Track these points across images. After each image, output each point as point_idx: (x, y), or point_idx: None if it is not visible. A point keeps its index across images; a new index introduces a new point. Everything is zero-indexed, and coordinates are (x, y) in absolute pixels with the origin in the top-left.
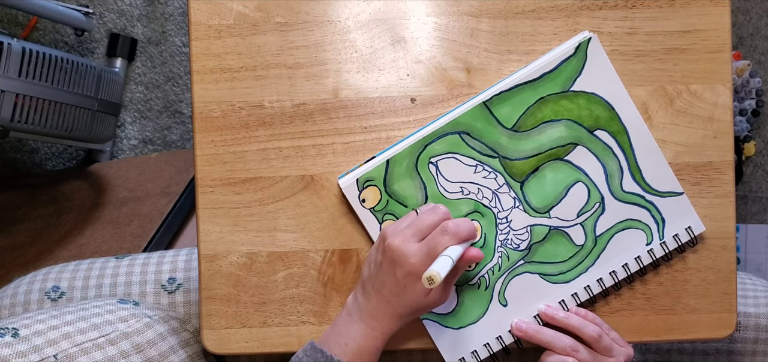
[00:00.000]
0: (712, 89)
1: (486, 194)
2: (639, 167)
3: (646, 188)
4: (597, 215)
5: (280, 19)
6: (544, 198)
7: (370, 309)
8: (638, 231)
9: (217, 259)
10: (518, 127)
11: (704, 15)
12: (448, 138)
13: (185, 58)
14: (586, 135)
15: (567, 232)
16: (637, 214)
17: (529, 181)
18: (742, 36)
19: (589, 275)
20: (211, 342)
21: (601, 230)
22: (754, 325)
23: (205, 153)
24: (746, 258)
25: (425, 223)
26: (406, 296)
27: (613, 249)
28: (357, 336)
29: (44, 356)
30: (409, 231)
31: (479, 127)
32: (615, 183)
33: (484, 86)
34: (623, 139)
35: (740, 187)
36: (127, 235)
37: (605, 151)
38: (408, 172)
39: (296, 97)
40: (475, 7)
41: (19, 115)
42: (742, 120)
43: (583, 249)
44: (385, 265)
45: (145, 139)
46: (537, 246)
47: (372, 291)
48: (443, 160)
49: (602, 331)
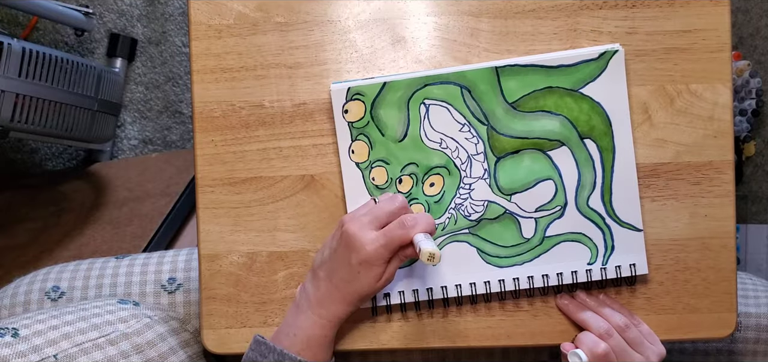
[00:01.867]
0: (712, 89)
1: (461, 155)
2: (611, 189)
3: (610, 212)
4: (554, 217)
5: (280, 18)
6: (513, 181)
7: (319, 297)
8: (585, 248)
9: (217, 259)
10: (517, 105)
11: (704, 15)
12: (448, 87)
13: (185, 58)
14: (575, 138)
15: (519, 221)
16: (591, 232)
17: (505, 159)
18: (742, 36)
19: (523, 269)
20: (211, 342)
21: (551, 233)
22: (755, 325)
23: (205, 153)
24: (746, 258)
25: (383, 211)
26: (358, 283)
27: (555, 255)
28: (305, 326)
29: (44, 356)
30: (367, 219)
31: (482, 88)
32: (583, 195)
33: None
34: (608, 158)
35: (740, 187)
36: (127, 235)
37: (587, 161)
38: (399, 103)
39: (296, 97)
40: (475, 6)
41: (19, 115)
42: (742, 120)
43: (528, 243)
44: (340, 251)
45: (145, 139)
46: (486, 223)
47: (323, 277)
48: (436, 105)
49: (630, 323)
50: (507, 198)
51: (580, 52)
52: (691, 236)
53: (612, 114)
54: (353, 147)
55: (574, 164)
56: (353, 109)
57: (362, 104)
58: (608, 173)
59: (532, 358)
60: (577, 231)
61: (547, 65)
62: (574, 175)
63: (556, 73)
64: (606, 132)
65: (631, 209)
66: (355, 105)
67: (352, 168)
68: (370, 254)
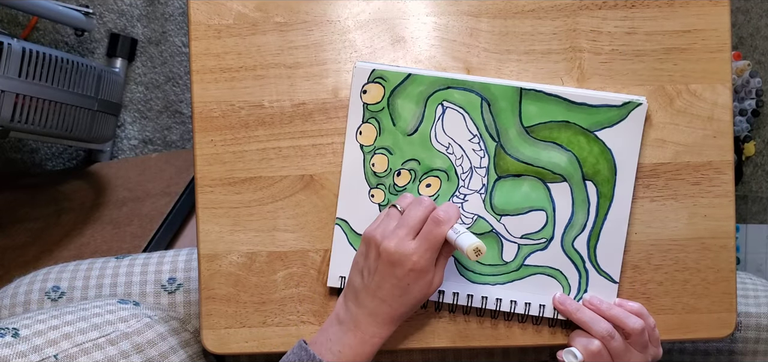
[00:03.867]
0: (712, 89)
1: (464, 164)
2: (599, 236)
3: (592, 257)
4: (537, 248)
5: (279, 18)
6: (507, 203)
7: (367, 316)
8: (558, 285)
9: (217, 259)
10: (532, 131)
11: (704, 15)
12: (470, 95)
13: (185, 58)
14: (578, 178)
15: (502, 243)
16: (568, 271)
17: (506, 180)
18: (742, 36)
19: (494, 290)
20: (211, 342)
21: (531, 262)
22: (755, 325)
23: (204, 153)
24: (746, 258)
25: (416, 219)
26: (411, 294)
27: (528, 284)
28: (353, 344)
29: (44, 356)
30: (403, 231)
31: (502, 105)
32: (570, 234)
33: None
34: (604, 204)
35: (740, 187)
36: (127, 235)
37: (584, 202)
38: (418, 98)
39: (296, 97)
40: (474, 6)
41: (19, 115)
42: (742, 120)
43: (506, 266)
44: (382, 269)
45: (145, 139)
46: None
47: (369, 298)
48: (452, 110)
49: (646, 326)
50: (497, 218)
51: (605, 96)
52: (691, 236)
53: (620, 164)
54: (362, 128)
55: (570, 202)
56: (372, 91)
57: (382, 89)
58: (601, 219)
59: (532, 358)
60: (555, 267)
61: (570, 99)
62: (567, 212)
63: (576, 109)
64: (609, 179)
65: (612, 260)
66: (375, 88)
67: (356, 149)
68: (418, 264)
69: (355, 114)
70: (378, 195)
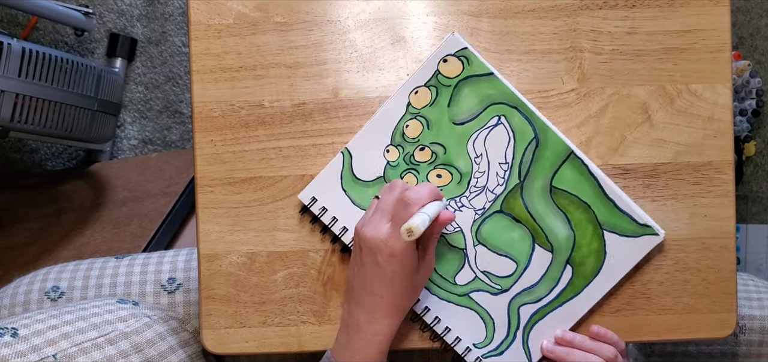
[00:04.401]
0: (712, 89)
1: (481, 182)
2: (545, 316)
3: (526, 329)
4: (489, 290)
5: (279, 18)
6: (491, 237)
7: (366, 315)
8: (484, 331)
9: (217, 259)
10: (554, 193)
11: (704, 15)
12: (527, 126)
13: (185, 58)
14: (563, 257)
15: (463, 267)
16: (500, 326)
17: (503, 216)
18: (742, 36)
19: (436, 303)
20: (210, 342)
21: (476, 297)
22: (759, 327)
23: (204, 153)
24: (746, 258)
25: (388, 203)
26: (398, 280)
27: (461, 314)
28: (360, 348)
29: (43, 356)
30: (377, 216)
31: (547, 155)
32: (522, 298)
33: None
34: (567, 294)
35: (740, 187)
36: (127, 235)
37: (553, 280)
38: (484, 98)
39: (296, 97)
40: (474, 6)
41: (19, 115)
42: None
43: (454, 287)
44: (365, 259)
45: (145, 139)
46: (443, 247)
47: (363, 293)
48: (504, 128)
49: (618, 353)
50: (474, 242)
51: (633, 208)
52: (691, 236)
53: (604, 271)
54: (420, 90)
55: (542, 272)
56: (452, 64)
57: (460, 68)
58: (555, 304)
59: None
60: (492, 315)
61: (603, 188)
62: (534, 278)
63: (602, 200)
64: (587, 277)
65: (540, 342)
66: (455, 63)
67: (401, 104)
68: (393, 247)
69: (421, 74)
70: (393, 154)
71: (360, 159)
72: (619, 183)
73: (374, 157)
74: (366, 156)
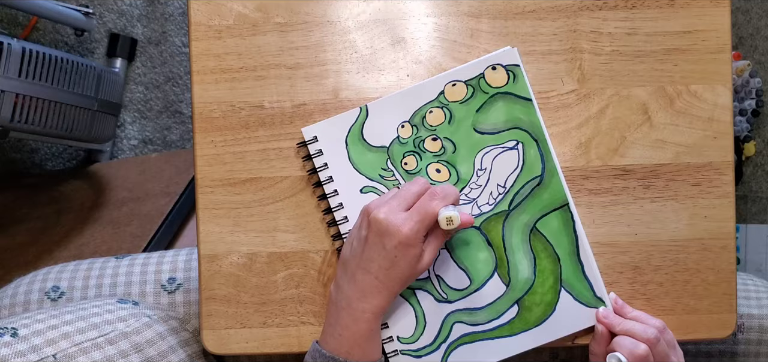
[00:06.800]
0: (712, 89)
1: (474, 194)
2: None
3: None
4: (433, 294)
5: (280, 19)
6: (458, 247)
7: (358, 292)
8: (414, 322)
9: (217, 259)
10: (533, 235)
11: (704, 15)
12: (538, 162)
13: (185, 58)
14: (512, 297)
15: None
16: (431, 327)
17: (478, 235)
18: (742, 36)
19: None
20: (211, 342)
21: (418, 289)
22: (758, 327)
23: (205, 153)
24: (746, 258)
25: (410, 192)
26: (398, 268)
27: (396, 304)
28: (349, 323)
29: (43, 356)
30: (395, 202)
31: (545, 197)
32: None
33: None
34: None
35: (740, 187)
36: (127, 235)
37: (495, 313)
38: (512, 119)
39: (296, 98)
40: (475, 7)
41: (19, 115)
42: (742, 120)
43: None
44: (371, 239)
45: (145, 139)
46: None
47: (357, 270)
48: (517, 155)
49: (660, 335)
50: (442, 247)
51: (597, 279)
52: (691, 237)
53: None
54: (458, 85)
55: (490, 301)
56: (499, 74)
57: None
58: (486, 336)
59: (532, 358)
60: (427, 316)
61: (579, 250)
62: (479, 303)
63: (573, 260)
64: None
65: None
66: (501, 75)
67: (432, 91)
68: (406, 235)
69: (466, 70)
70: (406, 131)
71: (374, 122)
72: (618, 183)
73: (387, 126)
74: (380, 121)
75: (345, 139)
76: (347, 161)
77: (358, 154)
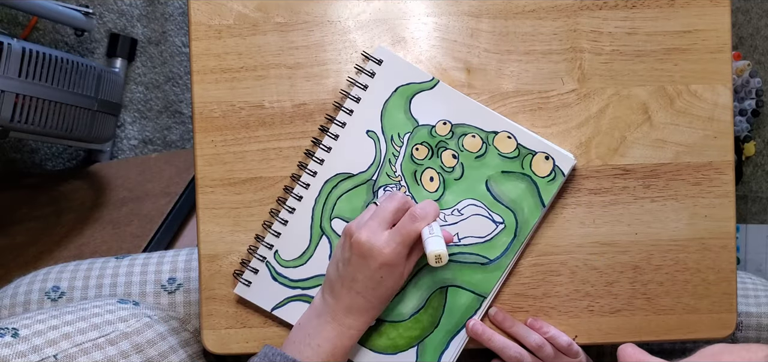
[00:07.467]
0: (712, 89)
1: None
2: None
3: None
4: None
5: (280, 19)
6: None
7: (343, 308)
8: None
9: (218, 259)
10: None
11: (704, 15)
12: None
13: (185, 58)
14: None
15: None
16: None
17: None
18: (742, 36)
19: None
20: (211, 342)
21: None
22: (756, 325)
23: (205, 153)
24: (746, 258)
25: (388, 211)
26: (383, 287)
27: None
28: (331, 337)
29: (44, 356)
30: (375, 223)
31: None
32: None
33: (485, 86)
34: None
35: (740, 187)
36: (127, 235)
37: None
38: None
39: (296, 97)
40: (475, 7)
41: (19, 115)
42: (742, 120)
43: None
44: (354, 261)
45: (145, 139)
46: None
47: (344, 291)
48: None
49: (544, 341)
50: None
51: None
52: (691, 237)
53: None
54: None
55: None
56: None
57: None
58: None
59: None
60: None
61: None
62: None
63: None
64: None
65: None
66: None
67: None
68: (389, 256)
69: (527, 138)
70: (443, 129)
71: (429, 98)
72: (619, 183)
73: (435, 111)
74: (433, 103)
75: (400, 85)
76: (381, 103)
77: (395, 106)
